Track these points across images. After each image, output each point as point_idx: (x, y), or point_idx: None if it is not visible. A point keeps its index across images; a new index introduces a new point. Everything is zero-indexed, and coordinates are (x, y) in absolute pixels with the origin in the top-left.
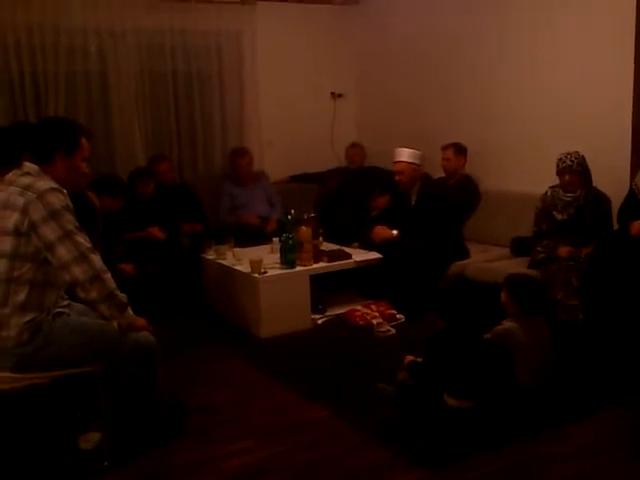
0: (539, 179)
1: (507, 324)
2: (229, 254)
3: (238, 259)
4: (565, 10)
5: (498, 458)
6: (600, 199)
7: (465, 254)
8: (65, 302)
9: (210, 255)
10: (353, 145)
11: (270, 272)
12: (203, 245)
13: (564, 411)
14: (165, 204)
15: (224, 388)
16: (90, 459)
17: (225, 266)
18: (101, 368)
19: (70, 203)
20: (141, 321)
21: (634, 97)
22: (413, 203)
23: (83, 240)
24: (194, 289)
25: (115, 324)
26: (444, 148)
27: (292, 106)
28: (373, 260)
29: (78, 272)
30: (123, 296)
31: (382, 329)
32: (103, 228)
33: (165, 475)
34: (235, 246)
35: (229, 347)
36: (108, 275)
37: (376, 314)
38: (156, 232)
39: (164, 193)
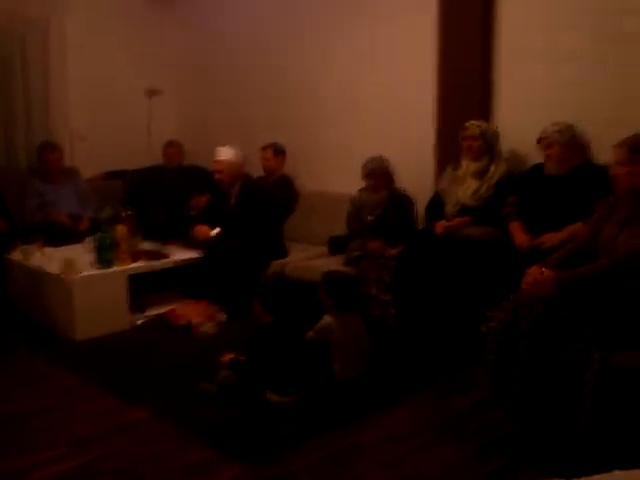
0: (352, 180)
1: (325, 319)
2: (37, 254)
3: (48, 260)
4: (373, 21)
5: (316, 449)
6: (404, 201)
7: (284, 253)
8: None
9: (16, 256)
10: (170, 144)
11: (85, 272)
12: (7, 245)
13: (378, 400)
14: None
15: (35, 395)
16: None
17: (33, 268)
18: None
19: None
20: None
21: (438, 105)
22: (233, 202)
23: None
24: None
25: None
26: (264, 148)
27: (107, 99)
28: (192, 259)
29: None
30: None
31: (202, 328)
32: None
33: None
34: (45, 246)
35: (41, 352)
36: None
37: (196, 313)
38: None
39: None
